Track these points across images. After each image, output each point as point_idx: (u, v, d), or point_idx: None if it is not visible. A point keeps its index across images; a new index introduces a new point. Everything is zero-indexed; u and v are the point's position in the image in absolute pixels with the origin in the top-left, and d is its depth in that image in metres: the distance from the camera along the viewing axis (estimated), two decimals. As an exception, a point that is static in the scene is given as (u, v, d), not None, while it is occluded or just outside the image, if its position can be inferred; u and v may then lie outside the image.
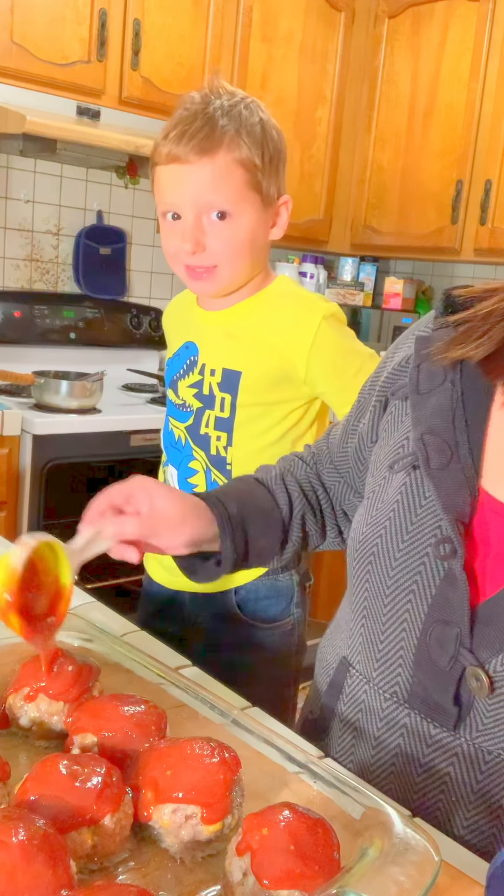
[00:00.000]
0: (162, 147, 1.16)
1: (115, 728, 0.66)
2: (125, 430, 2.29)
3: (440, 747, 0.75)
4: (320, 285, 3.26)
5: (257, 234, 1.20)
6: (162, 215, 1.19)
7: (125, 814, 0.60)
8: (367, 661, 0.81)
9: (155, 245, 3.01)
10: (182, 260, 1.18)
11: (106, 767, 0.61)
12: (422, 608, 0.75)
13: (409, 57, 2.94)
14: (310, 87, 2.93)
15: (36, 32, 2.24)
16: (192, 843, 0.60)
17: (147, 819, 0.61)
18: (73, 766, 0.59)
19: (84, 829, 0.57)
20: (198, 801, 0.59)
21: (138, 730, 0.66)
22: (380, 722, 0.79)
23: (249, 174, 1.15)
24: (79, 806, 0.57)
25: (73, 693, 0.72)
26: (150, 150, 1.21)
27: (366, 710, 0.81)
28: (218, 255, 1.17)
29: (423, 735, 0.76)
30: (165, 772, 0.61)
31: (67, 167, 2.73)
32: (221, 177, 1.14)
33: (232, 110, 1.15)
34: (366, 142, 3.08)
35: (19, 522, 2.18)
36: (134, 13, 2.41)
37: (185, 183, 1.14)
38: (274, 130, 1.19)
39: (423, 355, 0.82)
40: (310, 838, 0.56)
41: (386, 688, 0.79)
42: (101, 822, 0.58)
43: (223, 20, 2.63)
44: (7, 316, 2.58)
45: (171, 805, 0.60)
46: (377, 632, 0.79)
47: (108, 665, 0.80)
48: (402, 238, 3.01)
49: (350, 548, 0.85)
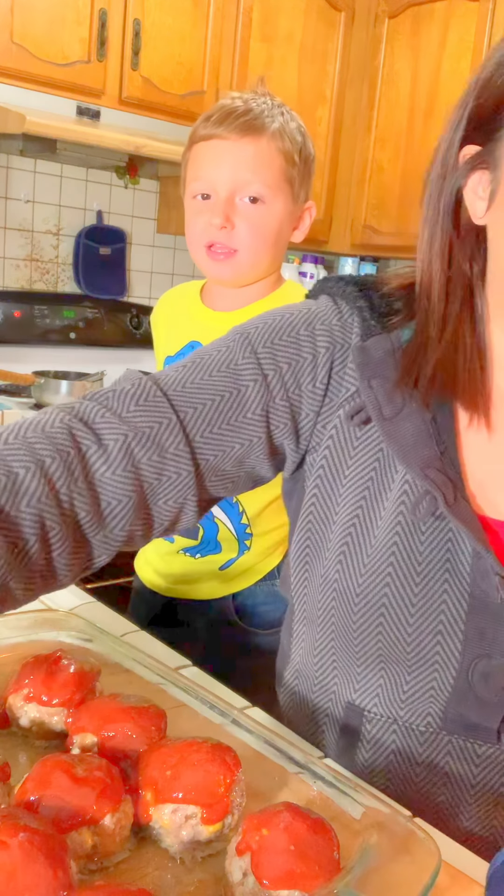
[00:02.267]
0: (202, 128, 1.17)
1: (114, 728, 0.66)
2: (125, 430, 2.29)
3: (487, 762, 0.74)
4: (320, 285, 3.26)
5: (284, 229, 1.20)
6: (191, 197, 1.19)
7: (125, 814, 0.60)
8: (389, 703, 0.77)
9: (155, 245, 3.01)
10: (207, 236, 1.17)
11: (105, 767, 0.60)
12: (454, 646, 0.72)
13: (409, 57, 2.94)
14: (310, 87, 2.93)
15: (36, 32, 2.24)
16: (191, 843, 0.60)
17: (147, 819, 0.61)
18: (73, 767, 0.59)
19: (84, 830, 0.57)
20: (198, 802, 0.59)
21: (138, 730, 0.66)
22: (420, 747, 0.76)
23: (288, 165, 1.17)
24: (79, 806, 0.57)
25: (74, 700, 0.71)
26: (151, 150, 1.22)
27: (398, 750, 0.77)
28: (243, 237, 1.16)
29: (469, 754, 0.74)
30: (165, 772, 0.61)
31: (67, 167, 2.73)
32: (262, 160, 1.15)
33: (274, 110, 1.17)
34: (366, 142, 3.08)
35: (19, 522, 2.18)
36: (134, 13, 2.41)
37: (224, 158, 1.15)
38: (310, 141, 1.22)
39: (369, 370, 0.74)
40: (309, 838, 0.55)
41: (417, 721, 0.75)
42: (100, 822, 0.57)
43: (223, 20, 2.63)
44: (7, 316, 2.58)
45: (171, 805, 0.60)
46: (401, 676, 0.75)
47: (107, 665, 0.80)
48: (403, 238, 3.00)
49: (339, 600, 0.77)
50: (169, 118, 2.53)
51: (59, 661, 0.74)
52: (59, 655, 0.74)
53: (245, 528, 1.26)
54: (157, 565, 1.34)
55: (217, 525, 1.27)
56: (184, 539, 1.29)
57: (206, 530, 1.28)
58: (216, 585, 1.29)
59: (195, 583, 1.31)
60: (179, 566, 1.31)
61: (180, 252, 3.07)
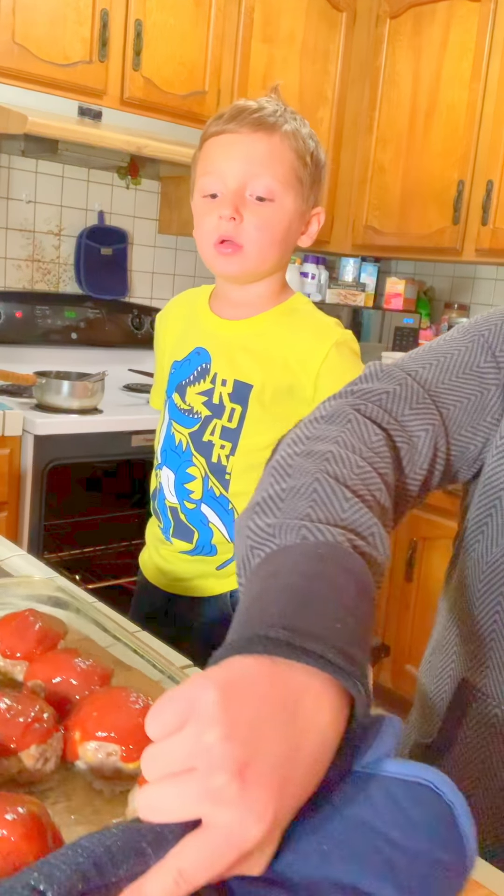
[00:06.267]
0: (213, 126, 1.18)
1: (61, 676, 0.75)
2: (126, 430, 2.29)
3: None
4: (322, 286, 3.26)
5: (292, 228, 1.20)
6: (200, 196, 1.19)
7: (52, 747, 0.66)
8: (498, 684, 0.78)
9: (156, 245, 3.01)
10: (216, 230, 1.17)
11: (39, 706, 0.68)
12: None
13: (410, 57, 2.94)
14: (311, 88, 2.94)
15: (38, 33, 2.25)
16: (112, 778, 0.67)
17: (75, 756, 0.67)
18: (9, 702, 0.67)
19: (12, 757, 0.64)
20: (118, 741, 0.66)
21: (81, 680, 0.74)
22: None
23: (299, 164, 1.17)
24: (6, 734, 0.64)
25: (36, 654, 0.79)
26: (152, 150, 1.22)
27: (497, 733, 0.78)
28: (250, 233, 1.16)
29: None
30: (92, 713, 0.68)
31: (69, 167, 2.74)
32: (274, 155, 1.15)
33: (287, 115, 1.18)
34: (367, 142, 3.08)
35: (20, 523, 2.19)
36: (135, 13, 2.41)
37: (236, 151, 1.15)
38: (321, 149, 1.22)
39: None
40: None
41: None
42: (27, 751, 0.64)
43: (225, 20, 2.63)
44: (8, 316, 2.58)
45: (95, 743, 0.67)
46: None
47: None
48: (404, 238, 3.01)
49: (472, 568, 0.80)
50: (170, 118, 2.53)
51: (27, 619, 0.82)
52: (26, 614, 0.82)
53: None
54: (158, 562, 1.35)
55: (212, 530, 1.28)
56: (181, 542, 1.30)
57: (200, 535, 1.28)
58: (214, 583, 1.30)
59: (194, 580, 1.32)
60: (179, 565, 1.33)
61: (182, 252, 3.07)
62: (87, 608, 0.92)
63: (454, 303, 3.26)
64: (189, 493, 1.28)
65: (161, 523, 1.34)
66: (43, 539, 2.20)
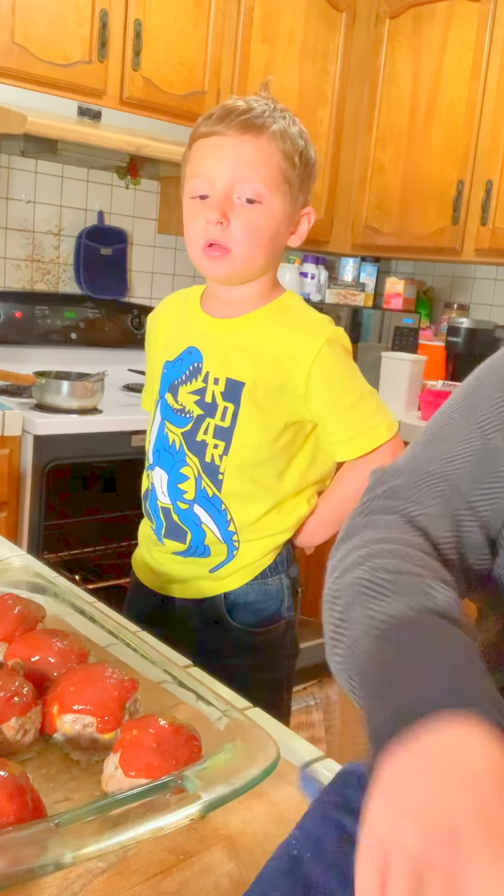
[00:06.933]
0: (202, 126, 1.18)
1: (40, 655, 0.79)
2: (126, 430, 2.29)
3: None
4: (321, 286, 3.26)
5: (280, 230, 1.20)
6: (189, 197, 1.19)
7: (31, 720, 0.70)
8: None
9: (156, 245, 3.01)
10: (204, 234, 1.17)
11: (19, 682, 0.71)
12: None
13: (410, 57, 2.94)
14: (311, 88, 2.93)
15: (37, 33, 2.25)
16: (88, 748, 0.71)
17: (53, 729, 0.72)
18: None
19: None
20: (94, 713, 0.71)
21: (59, 658, 0.78)
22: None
23: (287, 165, 1.17)
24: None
25: (14, 635, 0.82)
26: (152, 150, 1.22)
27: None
28: (237, 236, 1.16)
29: None
30: (70, 688, 0.72)
31: (68, 168, 2.74)
32: (261, 158, 1.15)
33: (276, 113, 1.18)
34: (367, 142, 3.08)
35: (20, 523, 2.19)
36: (135, 13, 2.41)
37: (224, 155, 1.15)
38: (312, 147, 1.22)
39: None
40: (171, 738, 0.67)
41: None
42: (7, 723, 0.68)
43: (224, 21, 2.63)
44: (8, 316, 2.58)
45: (72, 715, 0.71)
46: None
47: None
48: (404, 238, 3.01)
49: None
50: (170, 118, 2.53)
51: (6, 602, 0.85)
52: (5, 598, 0.86)
53: (232, 535, 1.26)
54: (151, 564, 1.35)
55: (204, 531, 1.27)
56: (173, 543, 1.30)
57: (193, 535, 1.28)
58: (208, 584, 1.30)
59: (187, 582, 1.31)
60: (172, 566, 1.32)
61: (181, 252, 3.07)
62: (63, 592, 0.96)
63: (454, 302, 3.26)
64: (182, 494, 1.27)
65: (153, 524, 1.33)
66: (43, 539, 2.20)
